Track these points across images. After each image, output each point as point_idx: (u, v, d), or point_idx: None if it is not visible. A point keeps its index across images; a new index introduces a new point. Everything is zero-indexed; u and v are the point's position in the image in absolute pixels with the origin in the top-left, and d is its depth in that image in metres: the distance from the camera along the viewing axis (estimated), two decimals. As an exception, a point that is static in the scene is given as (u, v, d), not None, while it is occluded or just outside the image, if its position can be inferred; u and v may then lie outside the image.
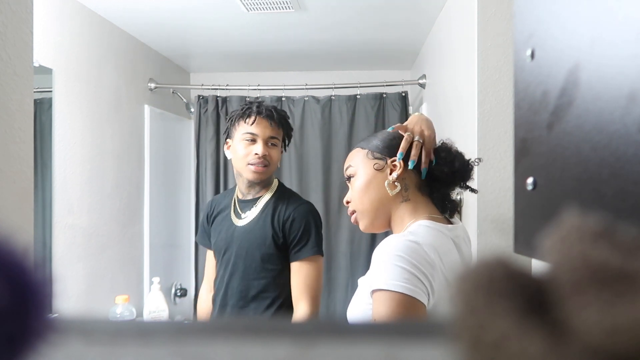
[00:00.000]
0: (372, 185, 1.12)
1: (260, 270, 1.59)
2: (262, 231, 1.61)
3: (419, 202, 1.11)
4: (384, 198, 1.11)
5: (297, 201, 1.66)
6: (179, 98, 3.25)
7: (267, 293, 1.60)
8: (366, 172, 1.13)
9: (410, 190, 1.11)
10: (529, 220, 0.43)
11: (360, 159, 1.16)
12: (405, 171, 1.10)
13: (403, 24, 2.49)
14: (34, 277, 0.22)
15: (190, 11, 2.30)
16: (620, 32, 0.32)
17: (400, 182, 1.10)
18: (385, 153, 1.12)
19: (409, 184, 1.11)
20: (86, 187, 2.21)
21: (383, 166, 1.12)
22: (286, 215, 1.60)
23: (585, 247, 0.19)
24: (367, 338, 0.29)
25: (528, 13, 0.43)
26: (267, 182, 1.68)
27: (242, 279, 1.61)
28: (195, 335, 0.29)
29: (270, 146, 1.63)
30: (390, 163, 1.11)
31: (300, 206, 1.63)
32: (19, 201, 0.97)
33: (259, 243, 1.60)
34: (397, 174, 1.09)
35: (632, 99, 0.31)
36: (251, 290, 1.60)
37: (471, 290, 0.20)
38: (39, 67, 1.88)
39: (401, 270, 0.93)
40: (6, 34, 0.93)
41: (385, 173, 1.11)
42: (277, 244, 1.59)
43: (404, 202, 1.11)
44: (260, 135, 1.60)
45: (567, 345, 0.17)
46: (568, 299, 0.18)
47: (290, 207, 1.62)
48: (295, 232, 1.59)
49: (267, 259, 1.59)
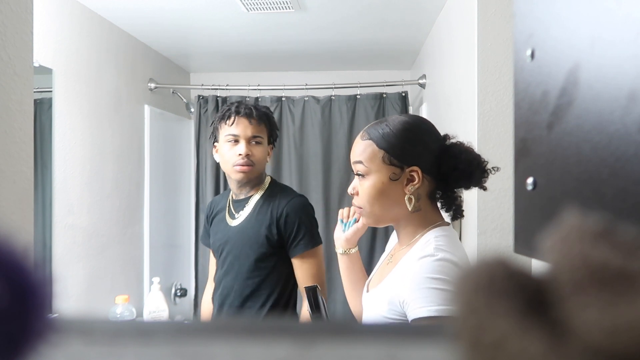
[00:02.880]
0: (385, 194, 1.04)
1: (254, 269, 1.61)
2: (255, 230, 1.61)
3: (429, 211, 1.07)
4: (395, 206, 1.05)
5: (287, 196, 1.65)
6: (179, 98, 3.25)
7: (261, 291, 1.61)
8: (381, 180, 1.04)
9: (422, 199, 1.06)
10: (529, 220, 0.43)
11: (374, 160, 1.05)
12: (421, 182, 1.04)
13: (403, 24, 2.49)
14: (34, 277, 0.22)
15: (190, 11, 2.30)
16: (620, 32, 0.32)
17: (414, 193, 1.04)
18: (403, 160, 1.03)
19: (422, 193, 1.05)
20: (86, 187, 2.21)
21: (400, 176, 1.03)
22: (279, 213, 1.61)
23: (585, 247, 0.19)
24: (367, 338, 0.29)
25: (528, 13, 0.43)
26: (258, 181, 1.68)
27: (236, 278, 1.63)
28: (195, 335, 0.29)
29: (253, 145, 1.62)
30: (408, 172, 1.03)
31: (291, 201, 1.63)
32: (19, 201, 0.97)
33: (252, 242, 1.61)
34: (415, 187, 1.03)
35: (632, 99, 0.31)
36: (246, 289, 1.62)
37: (471, 290, 0.20)
38: (39, 67, 1.88)
39: (442, 293, 0.91)
40: (6, 34, 0.93)
41: (402, 183, 1.04)
42: (270, 242, 1.60)
43: (415, 212, 1.05)
44: (241, 135, 1.61)
45: (567, 345, 0.17)
46: (568, 299, 0.18)
47: (282, 204, 1.62)
48: (290, 228, 1.59)
49: (261, 257, 1.60)
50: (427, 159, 1.04)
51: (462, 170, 1.03)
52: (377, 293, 1.05)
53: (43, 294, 0.22)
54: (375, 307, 1.03)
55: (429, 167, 1.04)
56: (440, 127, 1.18)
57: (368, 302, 1.09)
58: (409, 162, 1.03)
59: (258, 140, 1.63)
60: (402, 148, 1.03)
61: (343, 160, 2.97)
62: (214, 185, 3.09)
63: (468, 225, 1.73)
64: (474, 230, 1.63)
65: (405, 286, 0.96)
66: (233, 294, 1.63)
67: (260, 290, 1.61)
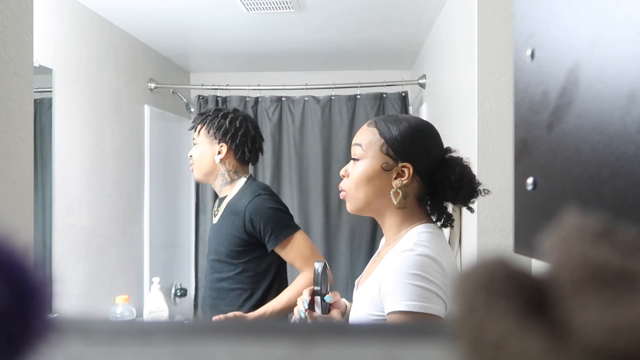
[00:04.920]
0: (374, 181, 1.06)
1: (226, 265, 1.67)
2: (225, 229, 1.67)
3: (415, 211, 1.07)
4: (380, 197, 1.06)
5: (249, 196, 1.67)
6: (179, 98, 3.25)
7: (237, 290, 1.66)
8: (372, 166, 1.06)
9: (409, 198, 1.06)
10: (529, 220, 0.43)
11: (372, 146, 1.07)
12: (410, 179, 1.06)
13: (403, 24, 2.49)
14: (34, 277, 0.22)
15: (190, 11, 2.30)
16: (620, 32, 0.32)
17: (402, 189, 1.05)
18: (399, 154, 1.05)
19: (410, 192, 1.06)
20: (86, 187, 2.21)
21: (392, 167, 1.05)
22: (243, 215, 1.64)
23: (585, 247, 0.19)
24: (367, 338, 0.29)
25: (528, 13, 0.43)
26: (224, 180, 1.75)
27: (213, 275, 1.71)
28: (195, 335, 0.29)
29: (193, 147, 1.78)
30: (400, 167, 1.05)
31: (253, 201, 1.65)
32: (19, 201, 0.97)
33: (223, 240, 1.67)
34: (402, 182, 1.04)
35: (632, 99, 0.31)
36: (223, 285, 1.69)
37: (471, 290, 0.20)
38: (39, 67, 1.88)
39: (416, 289, 0.92)
40: (6, 34, 0.93)
41: (391, 176, 1.05)
42: (239, 242, 1.64)
43: (400, 208, 1.06)
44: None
45: (567, 345, 0.17)
46: (568, 299, 0.18)
47: (243, 205, 1.65)
48: (259, 228, 1.63)
49: (232, 255, 1.66)
50: (422, 160, 1.05)
51: (451, 182, 1.03)
52: (362, 290, 1.07)
53: (43, 294, 0.22)
54: (361, 305, 1.04)
55: (422, 168, 1.05)
56: (441, 127, 1.18)
57: (355, 299, 1.10)
58: (404, 157, 1.05)
59: (194, 142, 1.78)
60: (402, 142, 1.05)
61: (343, 160, 2.97)
62: (214, 185, 3.09)
63: (468, 225, 1.73)
64: (474, 230, 1.63)
65: (383, 281, 0.98)
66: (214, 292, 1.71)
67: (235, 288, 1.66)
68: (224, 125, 1.73)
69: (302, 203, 3.04)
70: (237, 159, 1.74)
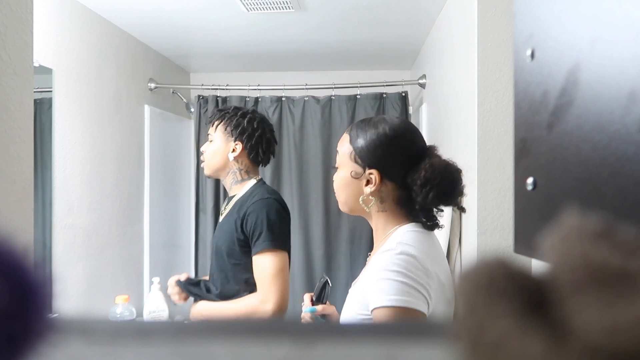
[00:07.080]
0: (348, 189, 1.09)
1: (224, 264, 1.67)
2: (227, 226, 1.67)
3: (396, 214, 1.07)
4: (357, 203, 1.09)
5: (257, 197, 1.66)
6: (179, 98, 3.25)
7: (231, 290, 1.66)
8: (345, 174, 1.09)
9: (387, 202, 1.07)
10: (529, 220, 0.43)
11: (345, 155, 1.10)
12: (381, 184, 1.05)
13: (403, 24, 2.49)
14: (34, 277, 0.22)
15: (190, 11, 2.30)
16: (620, 32, 0.32)
17: (375, 195, 1.06)
18: (365, 161, 1.06)
19: (385, 197, 1.06)
20: (86, 187, 2.21)
21: (360, 175, 1.07)
22: (243, 212, 1.63)
23: (585, 247, 0.19)
24: (367, 338, 0.29)
25: (528, 13, 0.43)
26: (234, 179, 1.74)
27: (214, 272, 1.72)
28: (195, 335, 0.29)
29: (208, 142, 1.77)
30: (367, 174, 1.06)
31: (257, 202, 1.63)
32: (19, 201, 0.97)
33: (225, 238, 1.67)
34: (371, 189, 1.05)
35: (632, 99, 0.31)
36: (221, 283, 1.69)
37: (471, 290, 0.20)
38: (39, 67, 1.88)
39: (397, 284, 0.93)
40: (6, 34, 0.93)
41: (362, 183, 1.07)
42: (239, 240, 1.63)
43: (381, 211, 1.08)
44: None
45: (567, 345, 0.17)
46: (568, 299, 0.18)
47: (249, 203, 1.64)
48: (250, 227, 1.61)
49: (230, 253, 1.65)
50: (389, 165, 1.05)
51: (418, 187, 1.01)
52: (352, 291, 1.09)
53: (43, 294, 0.22)
54: (351, 305, 1.06)
55: (392, 173, 1.05)
56: (441, 127, 1.18)
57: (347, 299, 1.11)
58: (369, 164, 1.06)
59: (209, 138, 1.77)
60: (367, 150, 1.06)
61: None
62: (214, 185, 3.09)
63: (468, 225, 1.73)
64: (474, 230, 1.63)
65: (367, 280, 1.00)
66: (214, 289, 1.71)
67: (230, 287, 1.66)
68: (242, 124, 1.72)
69: (302, 203, 3.04)
70: (250, 159, 1.73)
